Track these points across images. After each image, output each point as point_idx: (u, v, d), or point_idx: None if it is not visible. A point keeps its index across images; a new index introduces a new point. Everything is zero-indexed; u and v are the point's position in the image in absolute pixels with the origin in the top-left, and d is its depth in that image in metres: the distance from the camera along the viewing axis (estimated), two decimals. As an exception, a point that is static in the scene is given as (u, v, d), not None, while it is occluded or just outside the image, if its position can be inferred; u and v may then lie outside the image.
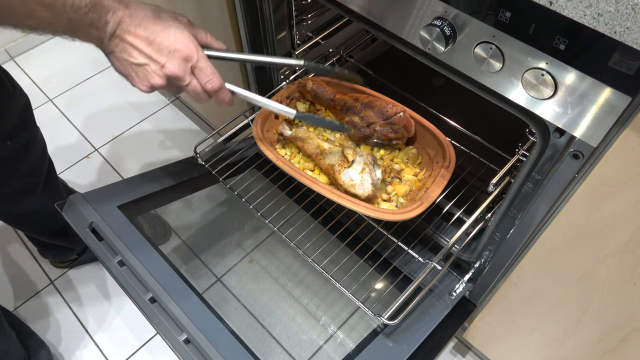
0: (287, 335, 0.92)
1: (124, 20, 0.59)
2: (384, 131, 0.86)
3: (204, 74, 0.64)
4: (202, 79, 0.65)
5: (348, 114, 0.89)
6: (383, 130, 0.86)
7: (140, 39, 0.60)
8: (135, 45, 0.60)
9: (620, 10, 0.42)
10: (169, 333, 0.78)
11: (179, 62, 0.62)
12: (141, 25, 0.60)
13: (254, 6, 0.89)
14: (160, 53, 0.61)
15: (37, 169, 1.06)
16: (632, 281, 0.63)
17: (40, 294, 1.36)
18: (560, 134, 0.57)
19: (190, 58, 0.62)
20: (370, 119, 0.87)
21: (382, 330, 0.82)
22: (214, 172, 0.91)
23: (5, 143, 0.95)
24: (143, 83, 0.63)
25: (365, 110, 0.87)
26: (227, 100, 0.69)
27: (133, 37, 0.60)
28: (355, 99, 0.90)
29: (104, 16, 0.57)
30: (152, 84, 0.63)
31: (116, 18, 0.58)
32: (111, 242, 0.86)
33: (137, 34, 0.60)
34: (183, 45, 0.62)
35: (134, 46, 0.60)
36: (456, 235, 0.80)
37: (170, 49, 0.61)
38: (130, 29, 0.59)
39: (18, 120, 0.96)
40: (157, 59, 0.61)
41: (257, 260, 1.03)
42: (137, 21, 0.60)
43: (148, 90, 0.64)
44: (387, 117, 0.86)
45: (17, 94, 0.95)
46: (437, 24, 0.56)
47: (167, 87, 0.64)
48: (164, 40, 0.61)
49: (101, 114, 1.76)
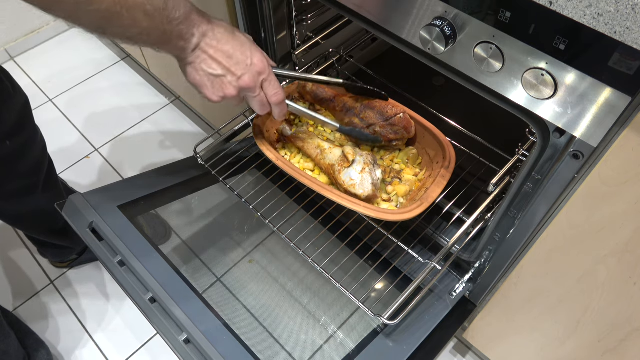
0: (287, 335, 0.92)
1: (207, 34, 0.64)
2: (384, 132, 0.86)
3: (272, 88, 0.71)
4: (269, 92, 0.71)
5: (348, 115, 0.89)
6: (383, 131, 0.86)
7: (221, 53, 0.65)
8: (216, 58, 0.65)
9: (620, 10, 0.42)
10: (169, 333, 0.78)
11: (253, 75, 0.68)
12: (222, 40, 0.65)
13: (254, 6, 0.89)
14: (238, 66, 0.67)
15: (37, 169, 1.06)
16: (632, 281, 0.63)
17: (40, 293, 1.36)
18: (560, 134, 0.57)
19: (263, 72, 0.69)
20: (370, 120, 0.87)
21: (382, 330, 0.82)
22: (214, 172, 0.91)
23: (5, 143, 0.95)
24: (216, 93, 0.68)
25: (365, 112, 0.87)
26: (285, 111, 0.76)
27: (214, 50, 0.65)
28: (355, 100, 0.89)
29: (191, 29, 0.62)
30: (226, 94, 0.68)
31: (201, 31, 0.63)
32: (111, 242, 0.86)
33: (218, 47, 0.65)
34: (258, 60, 0.68)
35: (214, 59, 0.65)
36: (456, 235, 0.80)
37: (247, 63, 0.67)
38: (213, 43, 0.65)
39: (17, 120, 0.96)
40: (235, 72, 0.67)
41: (257, 260, 1.03)
42: (219, 36, 0.65)
43: (218, 100, 0.69)
44: (387, 118, 0.86)
45: (16, 94, 0.95)
46: (437, 24, 0.56)
47: (236, 97, 0.69)
48: (241, 55, 0.66)
49: (101, 114, 1.76)
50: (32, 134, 1.03)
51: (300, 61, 1.05)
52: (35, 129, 1.04)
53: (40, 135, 1.07)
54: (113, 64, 1.93)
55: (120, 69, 1.91)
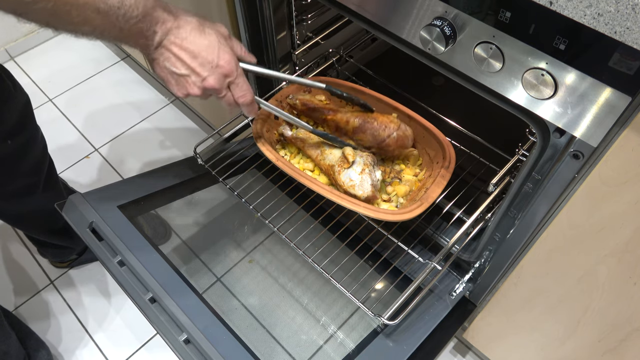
0: (287, 335, 0.92)
1: (172, 31, 0.62)
2: (382, 153, 0.86)
3: (239, 89, 0.69)
4: (236, 94, 0.69)
5: (342, 137, 0.89)
6: (380, 152, 0.86)
7: (186, 52, 0.63)
8: (179, 56, 0.63)
9: (620, 10, 0.42)
10: (169, 333, 0.78)
11: (219, 77, 0.66)
12: (187, 39, 0.63)
13: (254, 6, 0.89)
14: (203, 67, 0.64)
15: (37, 169, 1.06)
16: (632, 281, 0.63)
17: (40, 294, 1.36)
18: (560, 134, 0.57)
19: (230, 74, 0.67)
20: (365, 143, 0.86)
21: (382, 330, 0.82)
22: (214, 172, 0.91)
23: (6, 142, 0.95)
24: (180, 90, 0.66)
25: (358, 134, 0.86)
26: (254, 111, 0.74)
27: (178, 48, 0.63)
28: (347, 122, 0.87)
29: (153, 26, 0.60)
30: (189, 93, 0.66)
31: (164, 29, 0.61)
32: (111, 242, 0.86)
33: (182, 46, 0.62)
34: (225, 62, 0.65)
35: (178, 57, 0.63)
36: (456, 235, 0.80)
37: (213, 65, 0.65)
38: (177, 41, 0.62)
39: (18, 119, 0.96)
40: (200, 72, 0.64)
41: (257, 260, 1.03)
42: (184, 34, 0.62)
43: (184, 96, 0.67)
44: (380, 141, 0.84)
45: (17, 93, 0.95)
46: (437, 24, 0.56)
47: (201, 96, 0.68)
48: (208, 56, 0.64)
49: (101, 113, 1.76)
50: (33, 133, 1.03)
51: (300, 61, 1.05)
52: (37, 128, 1.04)
53: (41, 135, 1.07)
54: (113, 64, 1.93)
55: (120, 68, 1.91)
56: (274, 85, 1.04)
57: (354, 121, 0.86)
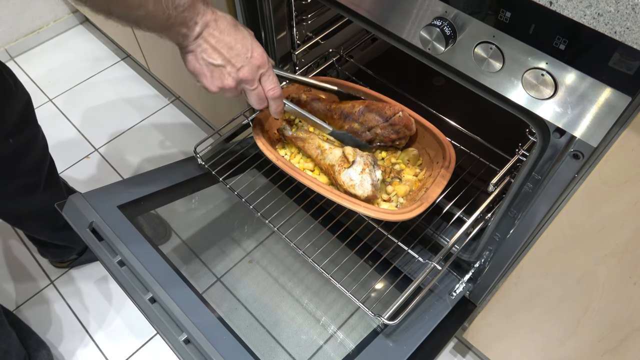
0: (287, 335, 0.92)
1: (210, 24, 0.64)
2: (386, 133, 0.86)
3: (270, 82, 0.73)
4: (267, 86, 0.73)
5: (347, 122, 0.89)
6: (384, 132, 0.86)
7: (223, 43, 0.66)
8: (217, 48, 0.66)
9: (620, 10, 0.42)
10: (169, 333, 0.78)
11: (253, 68, 0.69)
12: (224, 31, 0.66)
13: (254, 6, 0.89)
14: (239, 58, 0.67)
15: (38, 168, 1.06)
16: (632, 281, 0.63)
17: (41, 293, 1.36)
18: (560, 134, 0.57)
19: (262, 66, 0.70)
20: (370, 123, 0.87)
21: (382, 330, 0.82)
22: (214, 172, 0.91)
23: (7, 140, 0.95)
24: (214, 83, 0.69)
25: (363, 116, 0.87)
26: (281, 108, 0.77)
27: (216, 40, 0.65)
28: (352, 106, 0.89)
29: (195, 17, 0.63)
30: (224, 85, 0.69)
31: (205, 20, 0.64)
32: (111, 242, 0.86)
33: (220, 38, 0.65)
34: (258, 54, 0.69)
35: (215, 49, 0.66)
36: (456, 235, 0.80)
37: (247, 56, 0.68)
38: (215, 33, 0.65)
39: (19, 118, 0.96)
40: (235, 63, 0.67)
41: (257, 260, 1.03)
42: (222, 27, 0.65)
43: (216, 90, 0.70)
44: (387, 118, 0.86)
45: (18, 91, 0.95)
46: (437, 24, 0.56)
47: (234, 89, 0.70)
48: (242, 48, 0.67)
49: (101, 113, 1.76)
50: (35, 132, 1.03)
51: (300, 61, 1.05)
52: (37, 127, 1.04)
53: (42, 134, 1.07)
54: (113, 64, 1.93)
55: (120, 68, 1.91)
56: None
57: (358, 105, 0.88)
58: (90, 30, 2.06)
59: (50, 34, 2.02)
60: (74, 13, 2.06)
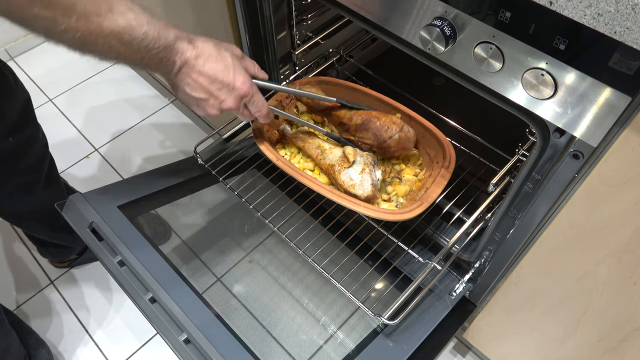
0: (287, 335, 0.92)
1: (190, 61, 0.65)
2: (382, 151, 0.86)
3: (254, 106, 0.74)
4: (252, 110, 0.74)
5: (344, 133, 0.89)
6: (380, 151, 0.86)
7: (204, 77, 0.66)
8: (198, 82, 0.67)
9: (620, 10, 0.42)
10: (169, 333, 0.78)
11: (236, 99, 0.70)
12: (205, 65, 0.66)
13: (254, 6, 0.89)
14: (221, 91, 0.68)
15: (38, 166, 1.06)
16: (632, 281, 0.63)
17: (40, 293, 1.36)
18: (560, 134, 0.57)
19: (246, 95, 0.71)
20: (367, 141, 0.86)
21: (382, 330, 0.82)
22: (214, 172, 0.91)
23: (7, 139, 0.95)
24: (201, 111, 0.71)
25: (360, 132, 0.86)
26: (270, 118, 0.79)
27: (197, 74, 0.66)
28: (350, 118, 0.88)
29: (173, 57, 0.63)
30: (210, 114, 0.70)
31: (184, 58, 0.64)
32: (111, 242, 0.86)
33: (201, 72, 0.66)
34: (240, 83, 0.69)
35: (197, 82, 0.67)
36: (456, 235, 0.80)
37: (230, 88, 0.68)
38: (196, 68, 0.66)
39: (19, 116, 0.96)
40: (218, 96, 0.68)
41: (257, 260, 1.03)
42: (202, 62, 0.66)
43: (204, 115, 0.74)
44: (382, 141, 0.84)
45: (18, 90, 0.96)
46: (437, 24, 0.56)
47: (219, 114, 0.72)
48: (224, 79, 0.67)
49: (101, 113, 1.76)
50: (34, 131, 1.03)
51: (300, 61, 1.05)
52: (37, 126, 1.04)
53: (42, 133, 1.07)
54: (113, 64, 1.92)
55: (120, 68, 1.91)
56: (274, 85, 1.04)
57: (357, 118, 0.87)
58: (90, 30, 2.06)
59: (51, 33, 2.02)
60: (74, 13, 2.06)
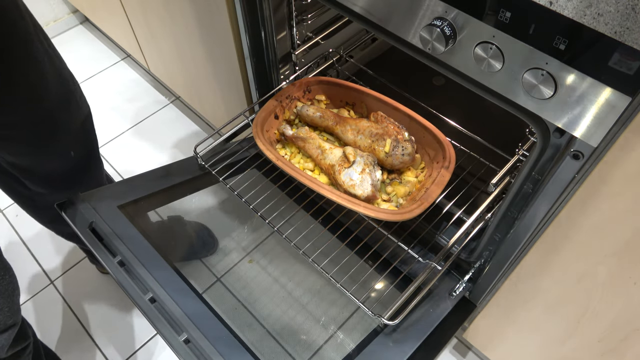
0: (287, 335, 0.92)
1: None
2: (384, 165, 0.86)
3: None
4: None
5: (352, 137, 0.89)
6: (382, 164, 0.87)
7: None
8: None
9: (620, 10, 0.42)
10: (169, 333, 0.78)
11: None
12: None
13: (254, 6, 0.89)
14: None
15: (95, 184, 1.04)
16: (632, 281, 0.63)
17: (40, 293, 1.36)
18: (560, 134, 0.57)
19: None
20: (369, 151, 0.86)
21: (382, 330, 0.82)
22: (214, 172, 0.91)
23: (70, 154, 0.94)
24: None
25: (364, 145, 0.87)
26: None
27: None
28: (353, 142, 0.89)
29: None
30: None
31: None
32: (111, 242, 0.86)
33: None
34: None
35: None
36: (456, 235, 0.80)
37: None
38: None
39: (80, 131, 0.95)
40: None
41: (257, 260, 1.03)
42: None
43: None
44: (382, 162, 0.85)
45: (82, 104, 0.94)
46: (437, 24, 0.56)
47: None
48: None
49: (101, 113, 1.76)
50: (94, 147, 1.02)
51: (300, 61, 1.05)
52: (95, 140, 1.03)
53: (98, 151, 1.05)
54: (113, 64, 1.93)
55: (120, 69, 1.91)
56: (273, 85, 1.04)
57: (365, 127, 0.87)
58: (90, 30, 2.06)
59: (50, 33, 2.02)
60: (74, 13, 2.06)
